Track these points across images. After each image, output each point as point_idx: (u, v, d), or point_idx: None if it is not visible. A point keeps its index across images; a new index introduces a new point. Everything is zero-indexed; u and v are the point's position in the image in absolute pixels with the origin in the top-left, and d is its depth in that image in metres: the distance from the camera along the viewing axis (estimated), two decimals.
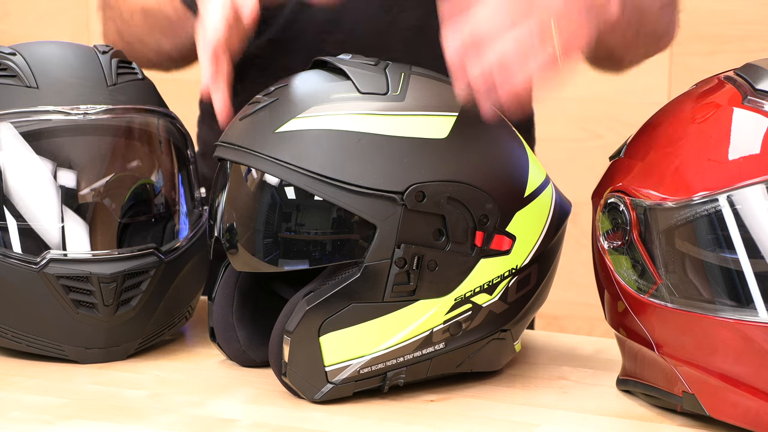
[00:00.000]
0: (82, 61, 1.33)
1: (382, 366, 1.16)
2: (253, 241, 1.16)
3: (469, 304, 1.17)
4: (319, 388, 1.15)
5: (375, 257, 1.13)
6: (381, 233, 1.12)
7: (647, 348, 1.14)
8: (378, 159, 1.13)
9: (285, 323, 1.15)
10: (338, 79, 1.18)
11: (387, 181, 1.13)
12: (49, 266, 1.26)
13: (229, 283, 1.25)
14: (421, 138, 1.14)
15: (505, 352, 1.23)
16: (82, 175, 1.30)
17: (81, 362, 1.29)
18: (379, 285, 1.13)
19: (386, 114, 1.15)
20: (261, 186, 1.16)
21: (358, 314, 1.14)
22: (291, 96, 1.17)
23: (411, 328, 1.15)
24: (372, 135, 1.14)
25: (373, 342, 1.15)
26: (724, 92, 1.14)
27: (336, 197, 1.12)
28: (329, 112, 1.15)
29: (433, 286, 1.15)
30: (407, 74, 1.19)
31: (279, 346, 1.16)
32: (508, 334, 1.21)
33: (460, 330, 1.17)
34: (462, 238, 1.15)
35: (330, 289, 1.13)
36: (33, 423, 1.13)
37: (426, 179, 1.13)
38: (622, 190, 1.15)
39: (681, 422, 1.12)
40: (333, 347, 1.14)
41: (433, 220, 1.14)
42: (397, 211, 1.13)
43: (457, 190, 1.14)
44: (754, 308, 1.06)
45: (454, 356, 1.18)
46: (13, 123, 1.28)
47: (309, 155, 1.13)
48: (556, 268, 1.25)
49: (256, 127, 1.16)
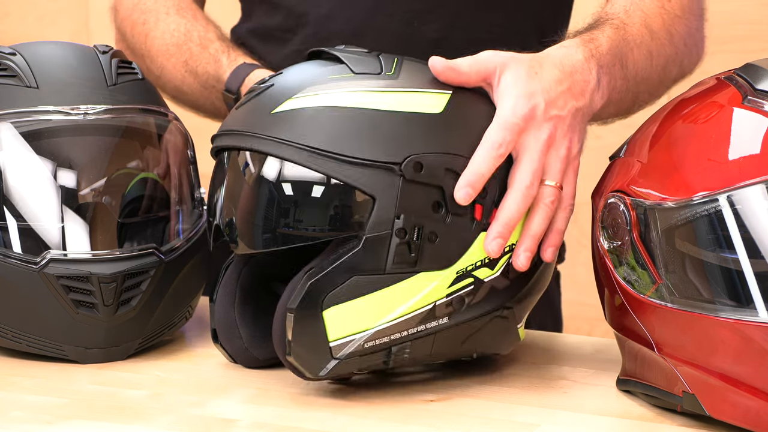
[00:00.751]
0: (82, 61, 1.33)
1: (386, 340, 1.16)
2: (253, 222, 1.17)
3: (471, 278, 1.17)
4: (323, 365, 1.15)
5: (375, 229, 1.13)
6: (380, 204, 1.13)
7: (647, 348, 1.14)
8: (375, 133, 1.14)
9: (287, 303, 1.15)
10: (333, 63, 1.20)
11: (385, 152, 1.14)
12: (49, 266, 1.26)
13: (231, 283, 1.25)
14: (417, 113, 1.16)
15: (509, 335, 1.23)
16: (82, 175, 1.30)
17: (81, 362, 1.29)
18: (381, 257, 1.14)
19: (381, 91, 1.16)
20: (259, 164, 1.16)
21: (360, 287, 1.14)
22: (287, 80, 1.19)
23: (414, 301, 1.15)
24: (368, 110, 1.15)
25: (376, 315, 1.15)
26: (724, 92, 1.14)
27: (335, 171, 1.13)
28: (325, 91, 1.16)
29: (434, 258, 1.15)
30: (400, 59, 1.21)
31: (282, 325, 1.16)
32: (510, 313, 1.21)
33: (462, 304, 1.17)
34: (461, 211, 1.16)
35: (331, 263, 1.14)
36: (33, 423, 1.13)
37: (423, 151, 1.14)
38: (622, 190, 1.15)
39: (681, 422, 1.12)
40: (336, 322, 1.14)
41: (431, 192, 1.15)
42: (395, 182, 1.13)
43: (454, 162, 1.15)
44: (754, 308, 1.06)
45: (457, 332, 1.18)
46: (13, 123, 1.28)
47: (307, 132, 1.14)
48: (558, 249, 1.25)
49: (252, 111, 1.18)
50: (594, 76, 1.24)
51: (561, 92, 1.21)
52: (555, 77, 1.22)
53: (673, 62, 1.42)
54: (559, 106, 1.21)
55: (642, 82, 1.36)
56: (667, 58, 1.40)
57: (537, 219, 1.19)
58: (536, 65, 1.22)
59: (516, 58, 1.22)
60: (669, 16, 1.41)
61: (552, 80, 1.21)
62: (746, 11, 2.52)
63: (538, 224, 1.19)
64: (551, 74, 1.22)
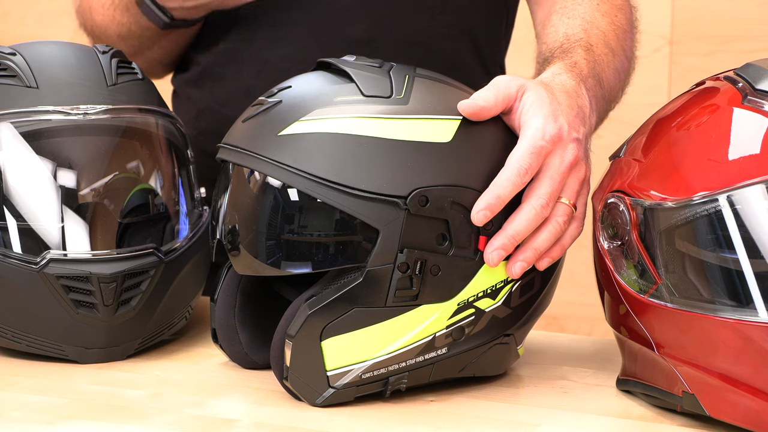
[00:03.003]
0: (82, 61, 1.33)
1: (384, 371, 1.15)
2: (256, 243, 1.16)
3: (472, 309, 1.16)
4: (320, 393, 1.15)
5: (377, 262, 1.12)
6: (384, 238, 1.12)
7: (647, 348, 1.14)
8: (381, 163, 1.12)
9: (287, 327, 1.15)
10: (342, 81, 1.18)
11: (390, 185, 1.12)
12: (49, 266, 1.26)
13: (232, 285, 1.25)
14: (425, 142, 1.14)
15: (508, 357, 1.22)
16: (82, 175, 1.30)
17: (81, 362, 1.29)
18: (382, 290, 1.13)
19: (390, 118, 1.14)
20: (263, 188, 1.15)
21: (360, 319, 1.13)
22: (294, 98, 1.17)
23: (413, 333, 1.15)
24: (375, 139, 1.13)
25: (375, 347, 1.14)
26: (724, 92, 1.14)
27: (338, 201, 1.12)
28: (332, 115, 1.14)
29: (435, 291, 1.14)
30: (411, 76, 1.19)
31: (281, 350, 1.15)
32: (511, 338, 1.21)
33: (462, 335, 1.17)
34: (465, 243, 1.14)
35: (332, 293, 1.13)
36: (33, 423, 1.13)
37: (429, 183, 1.13)
38: (622, 190, 1.15)
39: (681, 422, 1.12)
40: (335, 352, 1.14)
41: (436, 225, 1.13)
42: (400, 215, 1.12)
43: (460, 194, 1.14)
44: (754, 308, 1.06)
45: (456, 361, 1.18)
46: (13, 123, 1.28)
47: (311, 159, 1.12)
48: (560, 272, 1.24)
49: (258, 129, 1.16)
50: (588, 100, 1.26)
51: (574, 116, 1.22)
52: (567, 102, 1.22)
53: (628, 76, 1.46)
54: (576, 129, 1.21)
55: (612, 99, 1.40)
56: (626, 72, 1.44)
57: (544, 234, 1.17)
58: (549, 89, 1.22)
59: (531, 81, 1.22)
60: (620, 31, 1.45)
61: (566, 105, 1.22)
62: (746, 11, 2.52)
63: (544, 240, 1.17)
64: (564, 99, 1.22)
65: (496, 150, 1.17)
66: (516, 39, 1.71)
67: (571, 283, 2.15)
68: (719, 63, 1.47)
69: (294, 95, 1.17)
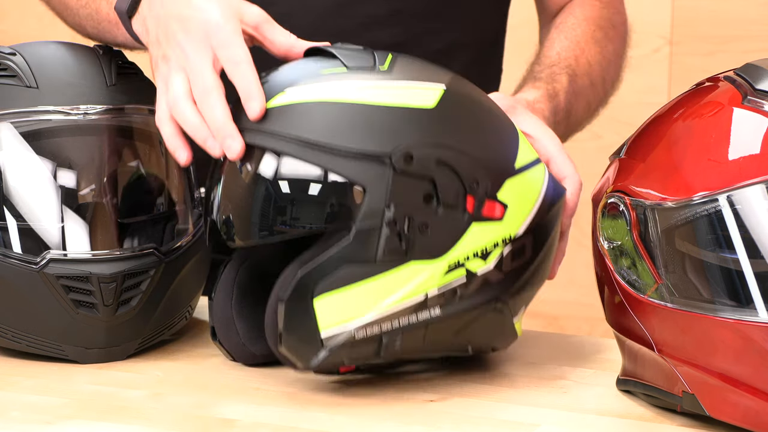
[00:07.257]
0: (82, 61, 1.33)
1: (377, 330, 1.16)
2: (249, 217, 1.18)
3: (463, 270, 1.17)
4: (315, 355, 1.15)
5: (366, 219, 1.14)
6: (371, 196, 1.14)
7: (647, 348, 1.14)
8: (367, 126, 1.15)
9: (279, 294, 1.16)
10: (326, 59, 1.21)
11: (375, 144, 1.14)
12: (49, 266, 1.26)
13: (229, 280, 1.26)
14: (409, 107, 1.16)
15: (504, 330, 1.22)
16: (81, 175, 1.30)
17: (81, 362, 1.29)
18: (371, 247, 1.14)
19: (374, 86, 1.17)
20: (253, 159, 1.17)
21: (350, 276, 1.14)
22: (280, 75, 1.21)
23: (405, 291, 1.15)
24: (360, 105, 1.16)
25: (367, 304, 1.15)
26: (724, 92, 1.14)
27: (326, 163, 1.14)
28: (318, 84, 1.17)
29: (425, 249, 1.15)
30: (395, 55, 1.22)
31: (274, 316, 1.16)
32: (505, 306, 1.21)
33: (455, 296, 1.17)
34: (453, 203, 1.16)
35: (323, 254, 1.14)
36: (33, 423, 1.13)
37: (415, 143, 1.15)
38: (622, 190, 1.15)
39: (681, 422, 1.12)
40: (327, 311, 1.14)
41: (422, 184, 1.15)
42: (386, 173, 1.14)
43: (445, 154, 1.16)
44: (754, 308, 1.06)
45: (450, 323, 1.18)
46: (13, 123, 1.28)
47: (298, 125, 1.15)
48: (553, 247, 1.25)
49: None
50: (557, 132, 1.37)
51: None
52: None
53: (601, 105, 1.57)
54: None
55: (575, 130, 1.52)
56: (599, 103, 1.56)
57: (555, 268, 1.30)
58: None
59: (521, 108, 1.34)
60: (606, 62, 1.55)
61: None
62: (746, 11, 2.52)
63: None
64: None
65: (480, 116, 1.20)
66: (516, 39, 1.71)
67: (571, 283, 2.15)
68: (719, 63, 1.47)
69: (280, 73, 1.21)
